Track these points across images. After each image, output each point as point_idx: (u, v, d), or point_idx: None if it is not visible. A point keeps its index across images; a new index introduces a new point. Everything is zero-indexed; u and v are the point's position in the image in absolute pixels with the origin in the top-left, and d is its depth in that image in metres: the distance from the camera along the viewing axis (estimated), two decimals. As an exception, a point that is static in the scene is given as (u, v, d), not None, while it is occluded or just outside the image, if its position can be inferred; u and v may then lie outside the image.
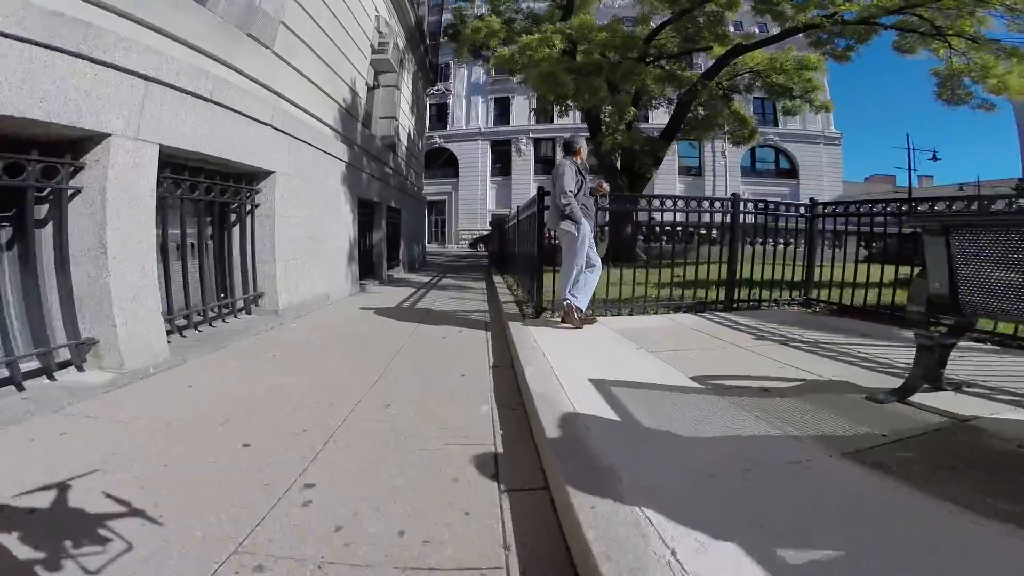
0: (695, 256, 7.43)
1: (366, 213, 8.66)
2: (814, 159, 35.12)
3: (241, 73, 4.61)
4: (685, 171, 34.64)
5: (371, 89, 11.09)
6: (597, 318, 4.48)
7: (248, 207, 4.72)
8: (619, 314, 4.87)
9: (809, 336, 3.99)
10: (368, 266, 8.91)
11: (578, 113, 34.85)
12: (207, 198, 4.12)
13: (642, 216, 6.55)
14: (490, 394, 2.85)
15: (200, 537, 1.46)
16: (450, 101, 38.25)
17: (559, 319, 4.33)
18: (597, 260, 4.19)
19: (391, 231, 10.47)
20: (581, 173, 4.13)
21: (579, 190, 4.05)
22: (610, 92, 11.55)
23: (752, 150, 33.90)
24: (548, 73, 10.90)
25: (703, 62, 21.81)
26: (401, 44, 11.85)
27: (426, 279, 10.10)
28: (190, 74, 3.66)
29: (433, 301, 6.68)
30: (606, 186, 4.41)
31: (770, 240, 5.77)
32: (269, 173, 4.82)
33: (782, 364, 3.17)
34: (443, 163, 37.53)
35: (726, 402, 2.40)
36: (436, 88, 38.62)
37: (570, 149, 4.27)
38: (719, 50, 12.66)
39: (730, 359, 3.28)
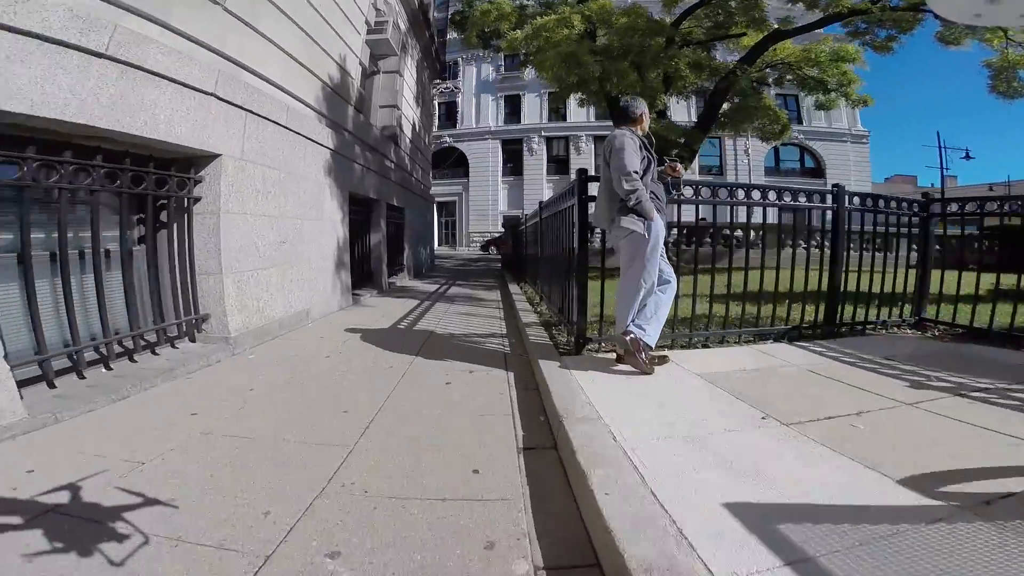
0: (727, 261, 6.22)
1: (361, 212, 7.44)
2: (840, 157, 33.49)
3: (173, 30, 3.40)
4: (705, 170, 33.10)
5: (369, 75, 9.94)
6: (666, 352, 3.17)
7: (181, 202, 3.49)
8: (690, 344, 3.56)
9: (978, 381, 2.72)
10: (365, 273, 7.69)
11: (593, 108, 33.70)
12: (109, 188, 2.89)
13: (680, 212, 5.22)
14: (527, 525, 1.56)
15: None
16: (459, 99, 37.14)
17: (613, 356, 3.04)
18: (672, 274, 2.90)
19: (393, 232, 9.25)
20: (647, 148, 2.83)
21: (646, 172, 2.76)
22: (639, 77, 10.22)
23: (775, 148, 32.37)
24: (569, 54, 9.61)
25: (721, 55, 20.38)
26: (403, 26, 10.66)
27: (432, 288, 8.86)
28: (68, 21, 2.46)
29: (438, 319, 5.41)
30: (681, 168, 3.09)
31: (859, 243, 4.50)
32: (213, 157, 3.59)
33: (1004, 438, 1.91)
34: (453, 163, 36.38)
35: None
36: (445, 86, 37.57)
37: (628, 116, 2.97)
38: (752, 37, 11.40)
39: (917, 432, 2.00)
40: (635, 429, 1.95)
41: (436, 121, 37.46)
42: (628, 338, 2.74)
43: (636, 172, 2.63)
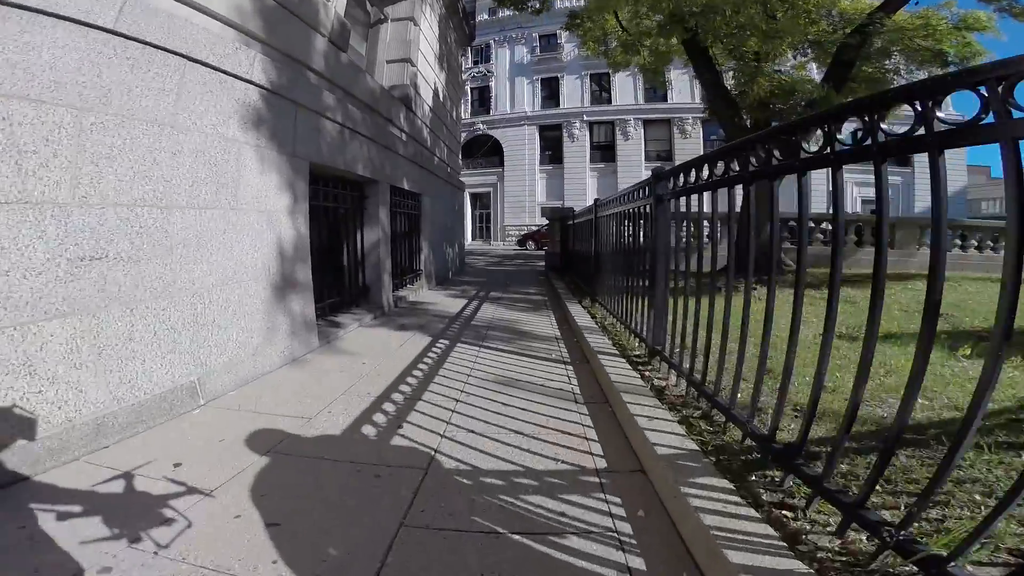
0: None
1: (344, 197, 4.94)
2: (924, 140, 29.12)
3: None
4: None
5: (374, 23, 7.53)
6: None
7: None
8: None
9: None
10: (355, 289, 5.21)
11: (640, 88, 30.38)
12: None
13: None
14: None
15: None
16: (492, 83, 34.54)
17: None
18: None
19: (403, 228, 6.75)
20: None
21: None
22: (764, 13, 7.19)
23: (854, 131, 28.30)
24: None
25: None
26: (419, -42, 8.13)
27: (456, 305, 6.29)
28: None
29: (454, 400, 2.80)
30: None
31: None
32: None
33: None
34: (487, 151, 33.86)
35: None
36: (476, 69, 34.98)
37: None
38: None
39: None
40: None
41: (468, 106, 34.94)
42: None
43: None
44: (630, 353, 3.17)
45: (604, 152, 31.40)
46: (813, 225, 12.06)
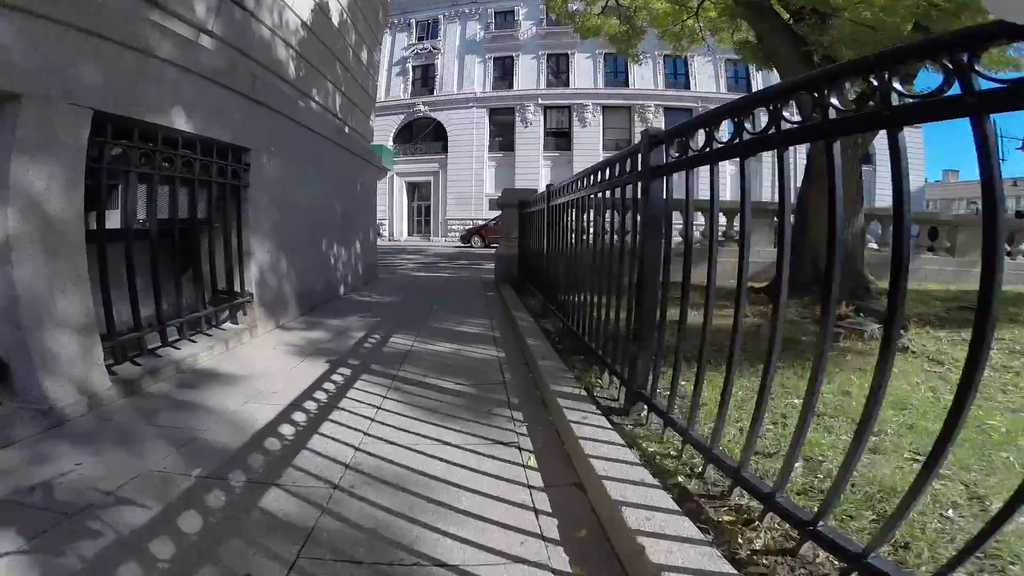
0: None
1: None
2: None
3: None
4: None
5: None
6: None
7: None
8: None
9: None
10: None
11: (601, 74, 27.72)
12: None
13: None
14: None
15: None
16: (438, 61, 30.91)
17: None
18: None
19: (184, 210, 3.40)
20: None
21: None
22: None
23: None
24: None
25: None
26: None
27: (294, 387, 3.01)
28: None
29: None
30: None
31: None
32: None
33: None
34: (428, 136, 30.24)
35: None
36: (421, 46, 31.18)
37: None
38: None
39: None
40: None
41: (409, 86, 31.09)
42: None
43: None
44: None
45: (559, 139, 28.58)
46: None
